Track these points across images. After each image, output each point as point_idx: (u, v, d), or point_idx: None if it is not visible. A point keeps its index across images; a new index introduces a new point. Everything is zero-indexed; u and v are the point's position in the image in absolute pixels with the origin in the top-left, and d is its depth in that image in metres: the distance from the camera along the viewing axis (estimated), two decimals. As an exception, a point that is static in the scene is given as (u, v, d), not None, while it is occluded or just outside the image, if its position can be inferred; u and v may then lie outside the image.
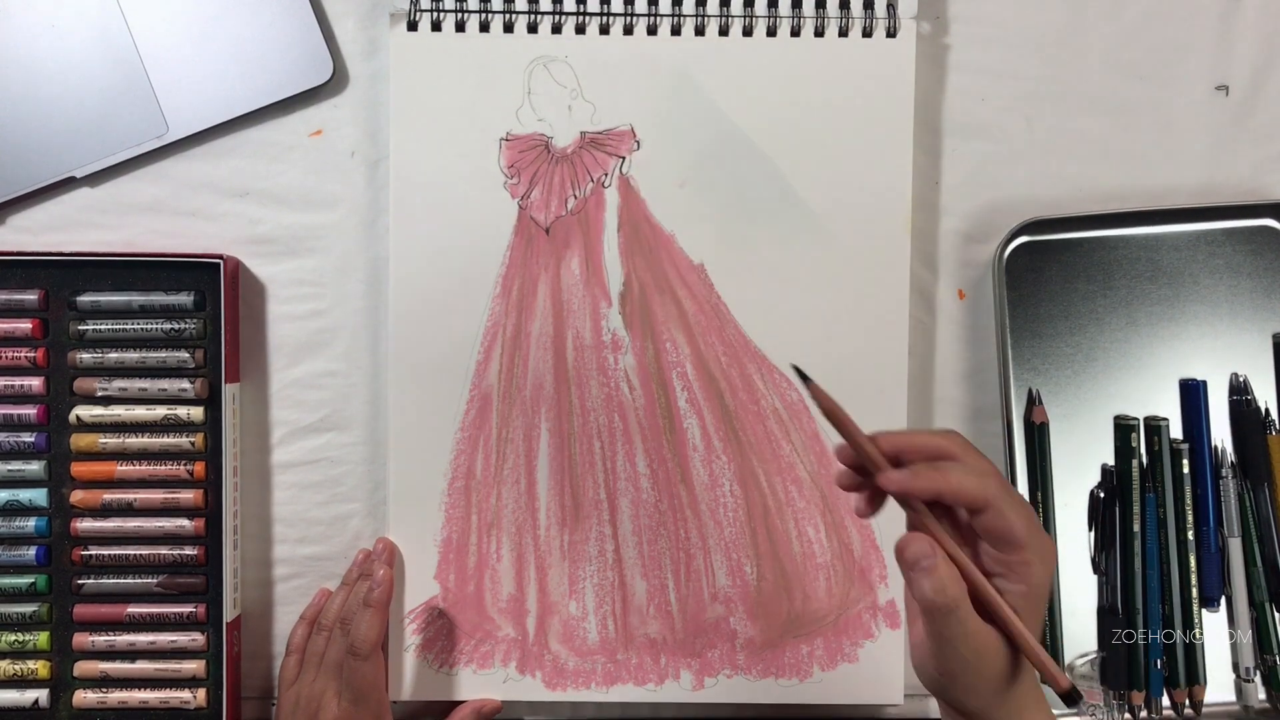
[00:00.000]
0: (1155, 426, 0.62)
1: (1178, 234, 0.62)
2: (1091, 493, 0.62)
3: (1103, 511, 0.62)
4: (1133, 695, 0.61)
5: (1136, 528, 0.61)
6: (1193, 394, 0.62)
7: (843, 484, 0.47)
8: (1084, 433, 0.62)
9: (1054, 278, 0.62)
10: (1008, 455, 0.61)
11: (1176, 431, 0.62)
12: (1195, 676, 0.61)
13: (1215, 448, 0.62)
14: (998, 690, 0.45)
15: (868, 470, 0.45)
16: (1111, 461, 0.62)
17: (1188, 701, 0.62)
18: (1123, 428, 0.62)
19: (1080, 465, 0.62)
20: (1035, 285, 0.62)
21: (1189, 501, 0.61)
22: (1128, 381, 0.62)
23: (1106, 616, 0.62)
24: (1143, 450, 0.62)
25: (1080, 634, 0.62)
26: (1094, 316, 0.62)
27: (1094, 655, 0.62)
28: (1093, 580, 0.62)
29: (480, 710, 0.63)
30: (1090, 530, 0.62)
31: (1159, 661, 0.61)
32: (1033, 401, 0.62)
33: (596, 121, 0.62)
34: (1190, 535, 0.61)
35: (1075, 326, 0.62)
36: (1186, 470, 0.61)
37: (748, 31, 0.61)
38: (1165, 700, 0.62)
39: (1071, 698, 0.45)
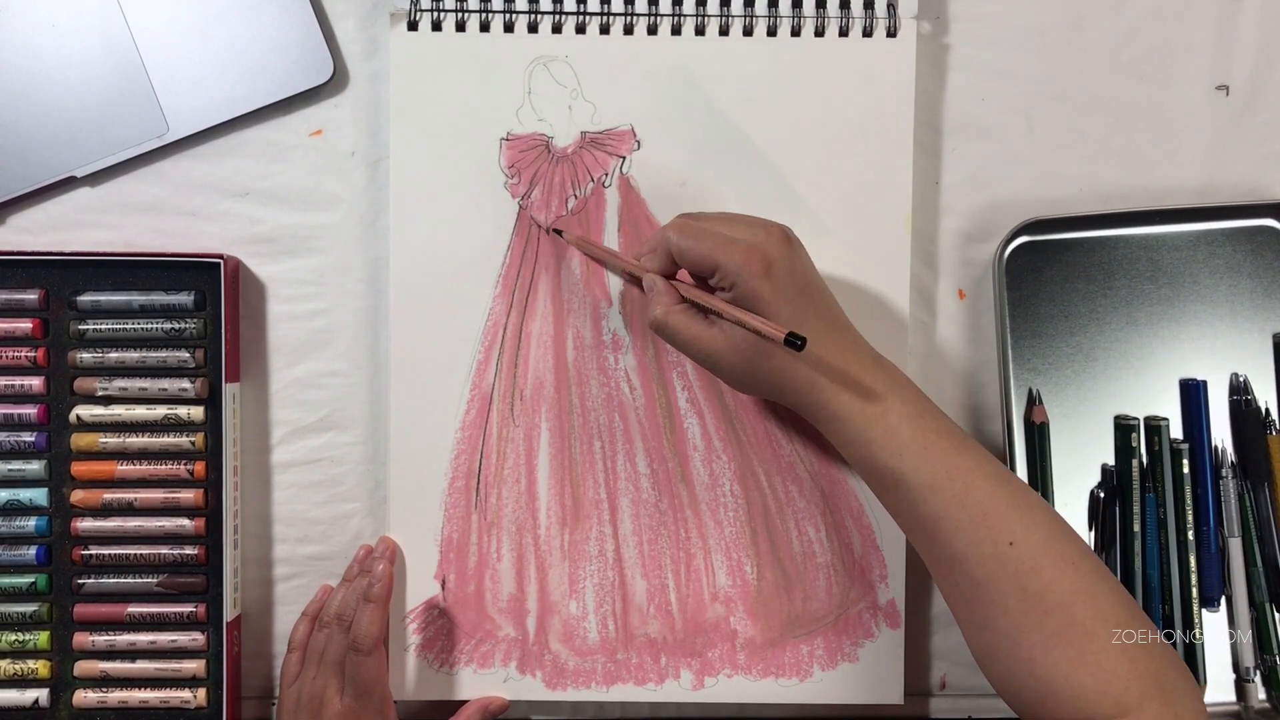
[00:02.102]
0: (1155, 426, 0.62)
1: (1178, 234, 0.62)
2: (1091, 492, 0.62)
3: (1103, 511, 0.62)
4: (1133, 695, 0.61)
5: (1136, 528, 0.61)
6: (1193, 394, 0.62)
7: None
8: (1084, 432, 0.62)
9: (1054, 278, 0.62)
10: (1008, 455, 0.61)
11: (1177, 431, 0.62)
12: (1195, 676, 0.61)
13: (1215, 448, 0.62)
14: (763, 372, 0.53)
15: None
16: (1111, 461, 0.62)
17: (1188, 701, 0.62)
18: (1123, 428, 0.62)
19: (1080, 465, 0.62)
20: (1035, 285, 0.62)
21: (1189, 501, 0.61)
22: (1128, 381, 0.62)
23: (1106, 616, 0.61)
24: (1143, 450, 0.62)
25: (1080, 634, 0.62)
26: (1094, 316, 0.62)
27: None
28: (1093, 580, 0.62)
29: (487, 709, 0.63)
30: (1090, 530, 0.62)
31: (1159, 661, 0.61)
32: (1033, 401, 0.62)
33: (597, 121, 0.62)
34: (1190, 535, 0.61)
35: (1075, 326, 0.62)
36: (1186, 470, 0.61)
37: (748, 31, 0.62)
38: (1165, 700, 0.62)
39: (793, 342, 0.49)
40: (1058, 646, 0.48)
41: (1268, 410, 0.62)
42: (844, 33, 0.61)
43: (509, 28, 0.61)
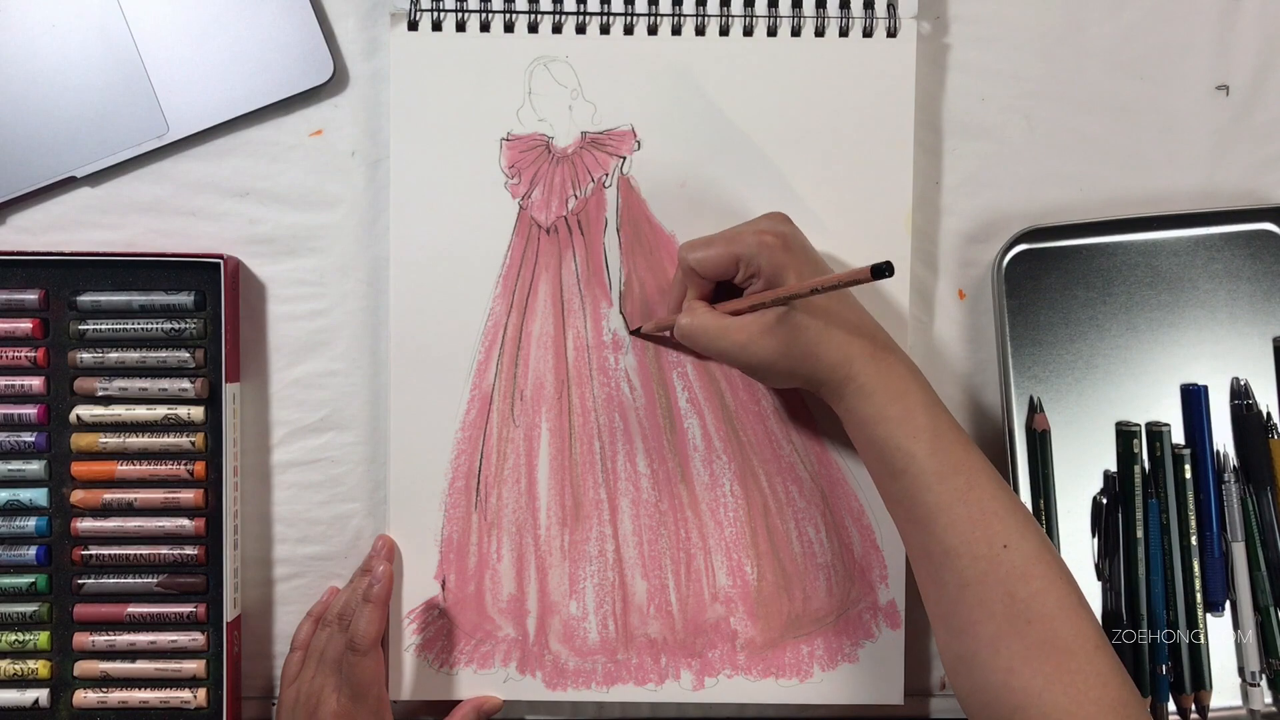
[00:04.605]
0: (1157, 432, 0.61)
1: (1177, 239, 0.62)
2: (1094, 499, 0.62)
3: (1105, 518, 0.61)
4: (1135, 700, 0.61)
5: (1139, 533, 0.61)
6: (1194, 399, 0.62)
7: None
8: (1086, 439, 0.62)
9: (1053, 285, 0.62)
10: (1010, 463, 0.61)
11: (1178, 437, 0.62)
12: (1201, 681, 0.61)
13: (1217, 452, 0.62)
14: (798, 349, 0.53)
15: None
16: (1114, 468, 0.62)
17: (1194, 706, 0.62)
18: (1124, 434, 0.62)
19: (1082, 472, 0.62)
20: (1035, 293, 0.62)
21: (1192, 506, 0.61)
22: (1129, 387, 0.62)
23: (1111, 622, 0.61)
24: (1145, 456, 0.62)
25: (1082, 638, 0.62)
26: (1094, 323, 0.62)
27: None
28: (1097, 586, 0.62)
29: (481, 708, 0.63)
30: (1093, 536, 0.62)
31: (1164, 667, 0.61)
32: (1034, 409, 0.62)
33: (597, 121, 0.62)
34: (1193, 540, 0.61)
35: (1075, 333, 0.62)
36: (1189, 475, 0.61)
37: (748, 31, 0.61)
38: (1171, 705, 0.61)
39: (881, 270, 0.46)
40: (1036, 659, 0.48)
41: (1269, 414, 0.62)
42: (844, 33, 0.61)
43: (509, 28, 0.61)
